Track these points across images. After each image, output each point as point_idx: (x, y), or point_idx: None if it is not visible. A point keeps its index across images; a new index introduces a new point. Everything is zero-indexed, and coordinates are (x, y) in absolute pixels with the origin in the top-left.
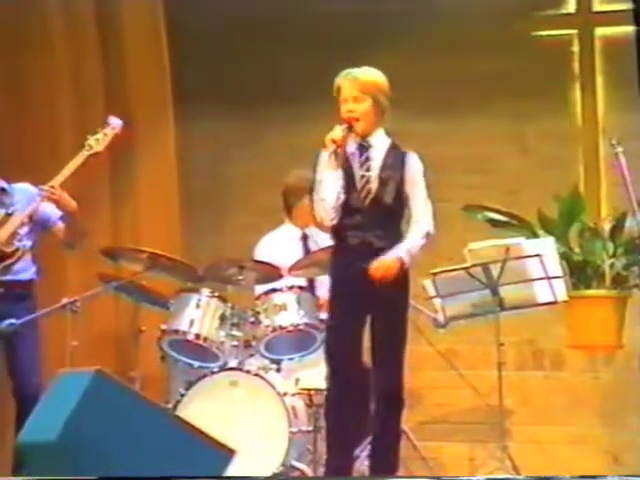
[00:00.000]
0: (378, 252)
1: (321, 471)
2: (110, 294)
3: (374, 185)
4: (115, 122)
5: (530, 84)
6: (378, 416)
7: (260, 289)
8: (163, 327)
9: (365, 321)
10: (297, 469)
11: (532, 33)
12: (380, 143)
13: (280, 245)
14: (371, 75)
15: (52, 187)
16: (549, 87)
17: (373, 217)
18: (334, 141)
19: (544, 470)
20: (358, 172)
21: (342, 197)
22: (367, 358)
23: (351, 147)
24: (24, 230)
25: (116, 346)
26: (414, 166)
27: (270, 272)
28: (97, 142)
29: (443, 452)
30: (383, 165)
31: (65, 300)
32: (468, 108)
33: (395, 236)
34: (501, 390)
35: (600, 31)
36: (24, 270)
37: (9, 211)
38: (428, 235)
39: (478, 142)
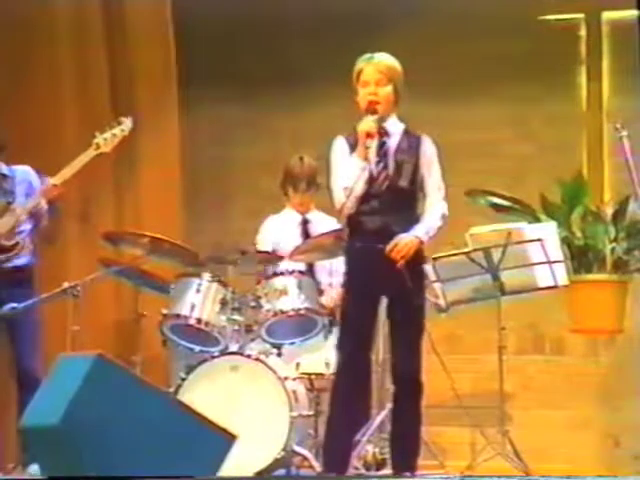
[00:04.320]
0: (395, 236)
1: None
2: (111, 279)
3: (390, 170)
4: (127, 123)
5: (536, 68)
6: (397, 401)
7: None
8: (164, 311)
9: (379, 307)
10: (298, 454)
11: (539, 17)
12: (395, 129)
13: (281, 230)
14: (393, 60)
15: (55, 185)
16: (555, 71)
17: (390, 202)
18: (369, 134)
19: (544, 454)
20: (375, 158)
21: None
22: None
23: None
24: (25, 220)
25: (117, 330)
26: (429, 149)
27: (271, 259)
28: (105, 142)
29: (444, 437)
30: (398, 150)
31: (66, 284)
32: (472, 92)
33: (412, 219)
34: (502, 374)
35: (607, 15)
36: (22, 255)
37: (9, 199)
38: (444, 217)
39: (482, 126)
